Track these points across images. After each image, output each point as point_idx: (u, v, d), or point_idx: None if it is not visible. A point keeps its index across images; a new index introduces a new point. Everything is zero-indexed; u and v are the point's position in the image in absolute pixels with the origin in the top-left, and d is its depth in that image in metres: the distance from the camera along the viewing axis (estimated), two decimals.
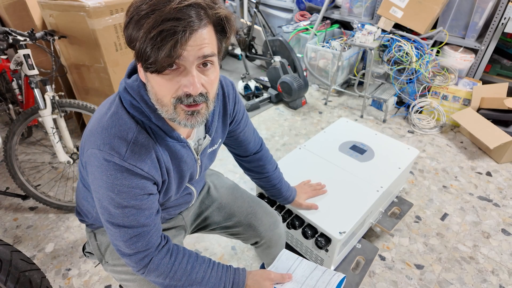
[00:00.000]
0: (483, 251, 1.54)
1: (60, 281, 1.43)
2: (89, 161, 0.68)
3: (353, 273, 1.33)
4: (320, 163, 1.47)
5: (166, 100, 0.63)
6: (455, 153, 2.20)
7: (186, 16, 0.55)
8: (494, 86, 2.28)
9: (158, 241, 0.75)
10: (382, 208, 1.54)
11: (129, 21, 0.58)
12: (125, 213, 0.69)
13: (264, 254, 1.19)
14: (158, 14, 0.54)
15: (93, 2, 1.61)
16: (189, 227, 1.06)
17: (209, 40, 0.60)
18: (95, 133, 0.67)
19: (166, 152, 0.73)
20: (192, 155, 0.80)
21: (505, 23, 2.17)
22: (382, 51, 2.52)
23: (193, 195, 0.97)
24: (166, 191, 0.79)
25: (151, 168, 0.69)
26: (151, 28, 0.55)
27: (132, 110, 0.68)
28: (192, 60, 0.59)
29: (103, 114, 0.69)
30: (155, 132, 0.70)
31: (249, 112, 2.63)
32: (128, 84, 0.69)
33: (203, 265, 0.78)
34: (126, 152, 0.65)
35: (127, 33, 0.60)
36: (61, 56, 1.89)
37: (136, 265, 0.74)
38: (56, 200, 1.74)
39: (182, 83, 0.60)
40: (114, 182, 0.66)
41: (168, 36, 0.54)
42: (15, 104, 2.10)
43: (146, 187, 0.70)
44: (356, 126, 1.72)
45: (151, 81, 0.63)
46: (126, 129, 0.66)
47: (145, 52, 0.56)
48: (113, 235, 0.72)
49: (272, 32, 3.02)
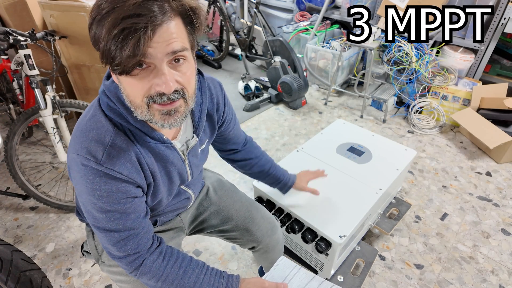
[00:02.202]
0: (483, 251, 1.55)
1: (60, 280, 1.43)
2: (70, 165, 0.67)
3: (353, 276, 1.32)
4: (318, 166, 1.46)
5: (139, 101, 0.60)
6: (455, 153, 2.20)
7: (148, 11, 0.52)
8: (494, 86, 2.28)
9: (149, 243, 0.74)
10: (381, 210, 1.54)
11: (92, 22, 0.55)
12: (109, 217, 0.67)
13: (262, 259, 1.18)
14: (118, 12, 0.52)
15: (93, 2, 1.61)
16: (187, 228, 1.05)
17: (177, 34, 0.57)
18: (75, 137, 0.66)
19: (149, 154, 0.71)
20: (178, 155, 0.78)
21: (505, 23, 2.17)
22: (382, 51, 2.53)
23: (191, 199, 0.96)
24: (154, 194, 0.77)
25: (131, 171, 0.67)
26: (111, 27, 0.52)
27: (110, 113, 0.66)
28: (161, 57, 0.56)
29: (83, 117, 0.68)
30: (135, 134, 0.68)
31: (249, 112, 2.64)
32: (105, 85, 0.67)
33: (196, 270, 0.76)
34: (103, 156, 0.63)
35: (91, 34, 0.57)
36: (62, 56, 1.89)
37: (127, 267, 0.73)
38: (56, 200, 1.74)
39: (154, 82, 0.58)
40: (93, 186, 0.64)
41: (129, 34, 0.51)
42: (15, 104, 2.11)
43: (128, 190, 0.68)
44: (353, 127, 1.72)
45: (123, 83, 0.60)
46: (103, 132, 0.64)
47: (109, 53, 0.54)
48: (101, 238, 0.71)
49: (272, 32, 3.03)
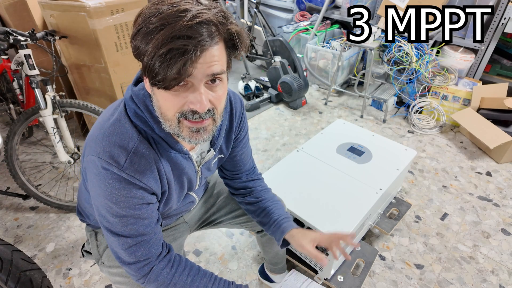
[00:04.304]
0: (483, 251, 1.55)
1: (60, 280, 1.43)
2: (88, 167, 0.67)
3: (353, 276, 1.32)
4: (318, 166, 1.46)
5: (170, 115, 0.61)
6: (455, 153, 2.20)
7: (197, 34, 0.53)
8: (494, 86, 2.28)
9: (159, 250, 0.74)
10: (381, 210, 1.54)
11: (137, 33, 0.56)
12: (123, 222, 0.68)
13: (268, 246, 1.19)
14: (168, 30, 0.52)
15: (93, 2, 1.61)
16: (192, 226, 1.06)
17: (218, 57, 0.58)
18: (96, 139, 0.66)
19: (167, 163, 0.72)
20: (193, 166, 0.79)
21: (505, 23, 2.17)
22: (382, 51, 2.53)
23: (195, 202, 0.97)
24: (167, 201, 0.78)
25: (149, 180, 0.68)
26: (160, 44, 0.52)
27: (136, 119, 0.66)
28: (200, 77, 0.57)
29: (106, 119, 0.68)
30: (158, 143, 0.69)
31: (250, 112, 2.64)
32: (134, 92, 0.67)
33: (204, 279, 0.76)
34: (125, 162, 0.64)
35: (135, 44, 0.57)
36: (62, 56, 1.89)
37: (136, 274, 0.73)
38: (56, 200, 1.74)
39: (189, 100, 0.59)
40: (112, 191, 0.65)
41: (178, 55, 0.52)
42: (16, 104, 2.10)
43: (144, 196, 0.69)
44: (353, 127, 1.72)
45: (157, 95, 0.61)
46: (127, 138, 0.65)
47: (153, 68, 0.55)
48: (112, 243, 0.71)
49: (272, 32, 3.03)
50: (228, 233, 1.63)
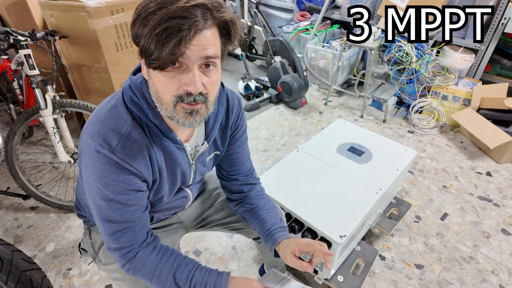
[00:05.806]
0: (483, 251, 1.55)
1: (61, 280, 1.43)
2: (82, 149, 0.69)
3: (353, 276, 1.32)
4: (318, 166, 1.46)
5: (167, 98, 0.63)
6: (455, 153, 2.20)
7: (192, 15, 0.56)
8: (494, 86, 2.28)
9: (143, 238, 0.76)
10: (381, 210, 1.54)
11: (136, 18, 0.59)
12: (111, 206, 0.70)
13: (266, 251, 1.19)
14: (165, 12, 0.55)
15: (93, 2, 1.61)
16: (189, 225, 1.06)
17: (213, 42, 0.60)
18: (92, 123, 0.68)
19: (160, 152, 0.74)
20: (187, 159, 0.80)
21: (505, 23, 2.17)
22: (382, 51, 2.53)
23: (188, 198, 0.97)
24: (158, 190, 0.79)
25: (140, 165, 0.70)
26: (156, 24, 0.55)
27: (131, 105, 0.69)
28: (194, 59, 0.59)
29: (104, 106, 0.71)
30: (152, 130, 0.71)
31: (250, 112, 2.64)
32: (132, 80, 0.70)
33: (189, 265, 0.77)
34: (118, 145, 0.66)
35: (133, 30, 0.60)
36: (62, 56, 1.89)
37: (121, 260, 0.75)
38: (57, 200, 1.74)
39: (183, 81, 0.61)
40: (102, 173, 0.67)
41: (173, 33, 0.55)
42: (16, 104, 2.11)
43: (134, 183, 0.70)
44: (353, 127, 1.72)
45: (153, 78, 0.63)
46: (121, 122, 0.67)
47: (149, 48, 0.57)
48: (100, 228, 0.74)
49: (273, 32, 3.03)
50: (228, 233, 1.63)
